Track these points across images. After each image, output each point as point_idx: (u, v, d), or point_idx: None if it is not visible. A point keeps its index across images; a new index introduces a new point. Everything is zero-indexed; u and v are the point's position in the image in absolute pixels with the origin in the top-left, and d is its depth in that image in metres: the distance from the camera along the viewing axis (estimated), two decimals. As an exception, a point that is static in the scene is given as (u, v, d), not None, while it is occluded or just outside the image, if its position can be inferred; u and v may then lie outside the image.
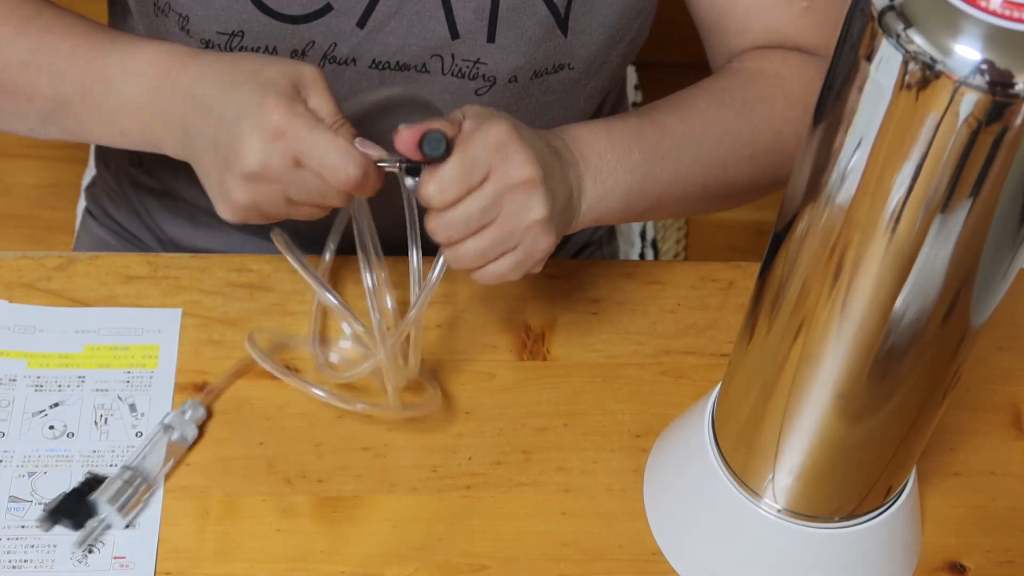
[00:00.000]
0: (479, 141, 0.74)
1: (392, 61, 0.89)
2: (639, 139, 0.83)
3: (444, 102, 0.92)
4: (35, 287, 0.92)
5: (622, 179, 0.82)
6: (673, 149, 0.85)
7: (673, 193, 0.86)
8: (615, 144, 0.82)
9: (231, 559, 0.80)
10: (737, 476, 0.78)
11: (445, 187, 0.74)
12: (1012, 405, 0.93)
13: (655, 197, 0.85)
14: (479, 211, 0.75)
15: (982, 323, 0.65)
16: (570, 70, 0.92)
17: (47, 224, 1.83)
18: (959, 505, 0.87)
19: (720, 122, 0.87)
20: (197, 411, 0.85)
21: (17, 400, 0.86)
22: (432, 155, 0.74)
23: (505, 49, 0.88)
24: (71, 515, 0.80)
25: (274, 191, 0.76)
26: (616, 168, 0.82)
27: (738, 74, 0.90)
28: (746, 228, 1.90)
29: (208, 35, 0.87)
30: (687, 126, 0.86)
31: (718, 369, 0.91)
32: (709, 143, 0.86)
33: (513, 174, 0.75)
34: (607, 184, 0.82)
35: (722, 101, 0.88)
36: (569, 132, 0.82)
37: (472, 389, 0.90)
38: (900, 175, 0.57)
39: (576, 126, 0.83)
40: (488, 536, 0.83)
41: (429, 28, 0.87)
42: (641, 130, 0.84)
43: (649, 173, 0.83)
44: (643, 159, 0.83)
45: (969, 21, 0.52)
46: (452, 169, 0.74)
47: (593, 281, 0.96)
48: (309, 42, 0.88)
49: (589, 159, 0.81)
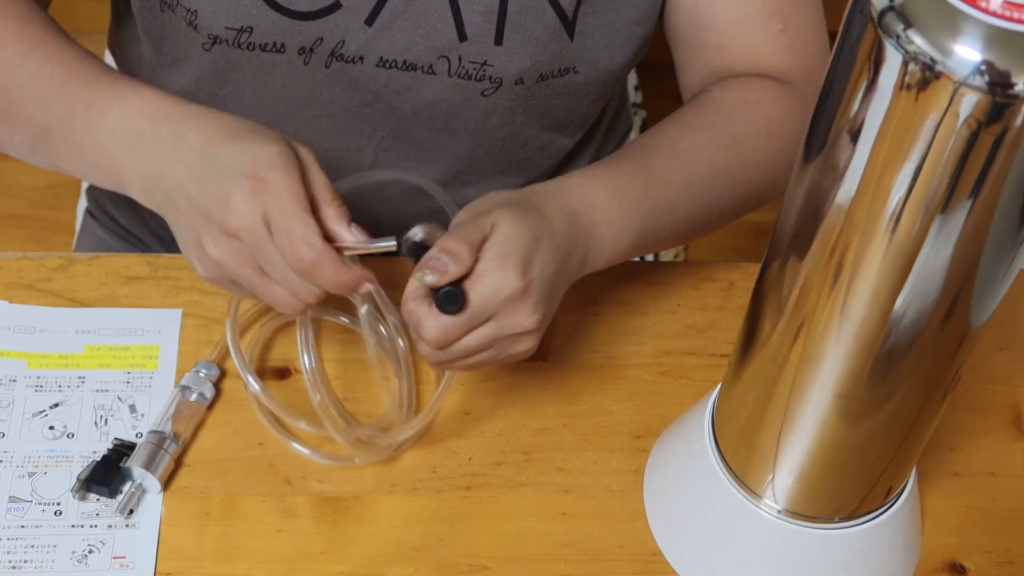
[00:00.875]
0: (492, 289, 0.74)
1: (399, 60, 0.89)
2: (646, 201, 0.83)
3: (450, 103, 0.92)
4: (35, 287, 0.92)
5: (623, 245, 0.82)
6: (672, 204, 0.85)
7: (659, 243, 0.86)
8: (626, 208, 0.82)
9: (231, 559, 0.80)
10: (737, 476, 0.78)
11: (448, 332, 0.74)
12: (1012, 405, 0.93)
13: (642, 250, 0.85)
14: (474, 347, 0.76)
15: (982, 323, 0.65)
16: (575, 74, 0.92)
17: (47, 224, 1.83)
18: (959, 505, 0.87)
19: (711, 163, 0.87)
20: (212, 369, 0.86)
21: (17, 400, 0.86)
22: (448, 310, 0.73)
23: (512, 52, 0.88)
24: (105, 483, 0.81)
25: (246, 255, 0.73)
26: (621, 234, 0.82)
27: (720, 106, 0.90)
28: (746, 228, 1.89)
29: (216, 30, 0.87)
30: (685, 174, 0.85)
31: (718, 369, 0.91)
32: (702, 190, 0.86)
33: (516, 324, 0.75)
34: (607, 250, 0.82)
35: (712, 139, 0.88)
36: (588, 199, 0.80)
37: (472, 389, 0.90)
38: (900, 175, 0.57)
39: (597, 188, 0.81)
40: (488, 536, 0.83)
41: (437, 29, 0.87)
42: (648, 189, 0.83)
43: (648, 233, 0.84)
44: (646, 221, 0.83)
45: (969, 21, 0.52)
46: (459, 319, 0.74)
47: (593, 281, 0.96)
48: (317, 39, 0.88)
49: (599, 228, 0.80)
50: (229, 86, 0.93)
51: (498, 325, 0.75)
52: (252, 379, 0.83)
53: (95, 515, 0.81)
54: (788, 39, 0.93)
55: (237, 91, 0.93)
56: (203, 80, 0.93)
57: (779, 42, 0.93)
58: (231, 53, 0.89)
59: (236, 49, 0.88)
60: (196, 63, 0.91)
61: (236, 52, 0.88)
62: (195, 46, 0.89)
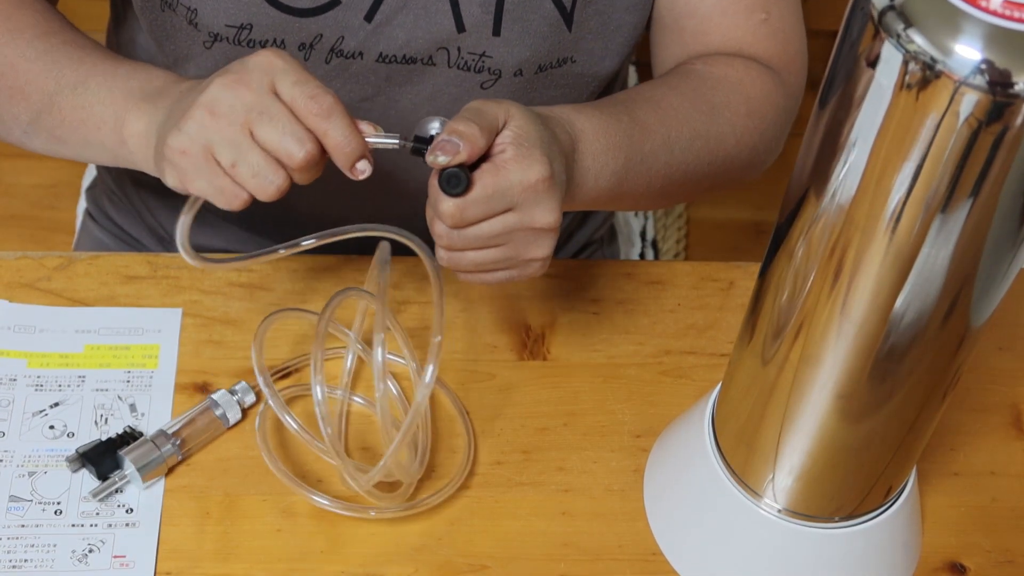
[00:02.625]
0: (516, 177, 0.73)
1: (399, 55, 0.89)
2: (628, 142, 0.83)
3: (450, 95, 0.92)
4: (35, 287, 0.92)
5: (603, 183, 0.82)
6: (651, 154, 0.85)
7: (634, 193, 0.86)
8: (609, 145, 0.82)
9: (231, 559, 0.80)
10: (737, 476, 0.78)
11: (466, 209, 0.73)
12: (1012, 405, 0.93)
13: (620, 196, 0.85)
14: (491, 235, 0.74)
15: (982, 323, 0.65)
16: (572, 63, 0.92)
17: (47, 224, 1.83)
18: (959, 505, 0.87)
19: (691, 125, 0.87)
20: (248, 395, 0.86)
21: (17, 400, 0.86)
22: (451, 192, 0.72)
23: (511, 43, 0.89)
24: (98, 463, 0.81)
25: (239, 113, 0.71)
26: (602, 171, 0.82)
27: (704, 77, 0.90)
28: (746, 228, 1.90)
29: (216, 28, 0.88)
30: (665, 129, 0.86)
31: (718, 369, 0.91)
32: (680, 147, 0.86)
33: (537, 218, 0.74)
34: (589, 182, 0.82)
35: (694, 104, 0.88)
36: (576, 126, 0.81)
37: (472, 389, 0.90)
38: (900, 175, 0.57)
39: (584, 118, 0.82)
40: (488, 536, 0.83)
41: (436, 21, 0.88)
42: (631, 133, 0.83)
43: (626, 177, 0.84)
44: (625, 163, 0.83)
45: (969, 21, 0.52)
46: (479, 196, 0.73)
47: (593, 281, 0.96)
48: (317, 35, 0.88)
49: (585, 158, 0.81)
50: None
51: (519, 217, 0.74)
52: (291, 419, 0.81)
53: (95, 514, 0.81)
54: (770, 28, 0.93)
55: None
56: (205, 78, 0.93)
57: (761, 31, 0.93)
58: (232, 51, 0.89)
59: (237, 47, 0.88)
60: (197, 61, 0.91)
61: (237, 49, 0.89)
62: (196, 44, 0.90)
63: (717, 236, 1.88)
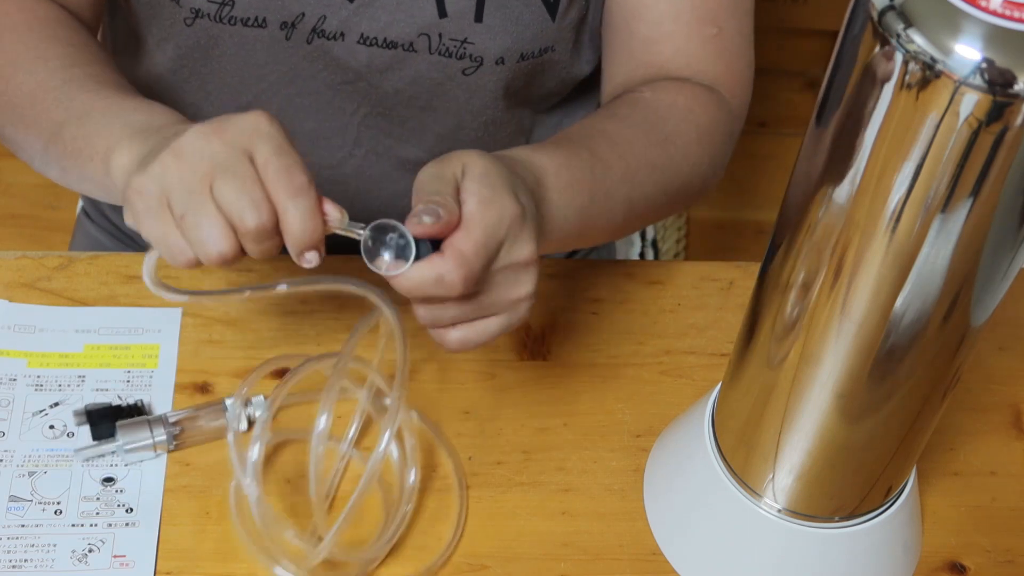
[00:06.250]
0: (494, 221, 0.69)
1: (380, 38, 0.90)
2: (590, 176, 0.80)
3: (431, 81, 0.92)
4: (35, 287, 0.92)
5: (570, 223, 0.79)
6: (611, 190, 0.82)
7: (599, 226, 0.83)
8: (572, 180, 0.79)
9: (231, 559, 0.80)
10: (737, 476, 0.78)
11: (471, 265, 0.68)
12: (1012, 405, 0.93)
13: (586, 230, 0.82)
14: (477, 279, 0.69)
15: (982, 323, 0.65)
16: (552, 52, 0.92)
17: (46, 224, 1.83)
18: (959, 505, 0.87)
19: (647, 157, 0.85)
20: (262, 410, 0.81)
21: (17, 400, 0.86)
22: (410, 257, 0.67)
23: (493, 30, 0.89)
24: (96, 424, 0.83)
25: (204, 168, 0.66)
26: (568, 209, 0.78)
27: (653, 107, 0.88)
28: (746, 228, 1.90)
29: (198, 3, 0.88)
30: (624, 162, 0.83)
31: (718, 369, 0.91)
32: (640, 180, 0.84)
33: (515, 253, 0.70)
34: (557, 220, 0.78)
35: (648, 136, 0.86)
36: (536, 164, 0.77)
37: (472, 389, 0.90)
38: (900, 175, 0.57)
39: (544, 156, 0.78)
40: (488, 536, 0.83)
41: (418, 5, 0.88)
42: (592, 168, 0.81)
43: (588, 214, 0.81)
44: (590, 197, 0.80)
45: (969, 21, 0.52)
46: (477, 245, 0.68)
47: (593, 281, 0.97)
48: (299, 14, 0.88)
49: (551, 193, 0.77)
50: (212, 64, 0.94)
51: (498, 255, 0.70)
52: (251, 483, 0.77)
53: (95, 514, 0.81)
54: (720, 45, 0.92)
55: (220, 68, 0.94)
56: (186, 57, 0.95)
57: (711, 47, 0.92)
58: (213, 28, 0.90)
59: (218, 24, 0.89)
60: (178, 40, 0.92)
61: (218, 27, 0.89)
62: (178, 22, 0.90)
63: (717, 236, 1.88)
